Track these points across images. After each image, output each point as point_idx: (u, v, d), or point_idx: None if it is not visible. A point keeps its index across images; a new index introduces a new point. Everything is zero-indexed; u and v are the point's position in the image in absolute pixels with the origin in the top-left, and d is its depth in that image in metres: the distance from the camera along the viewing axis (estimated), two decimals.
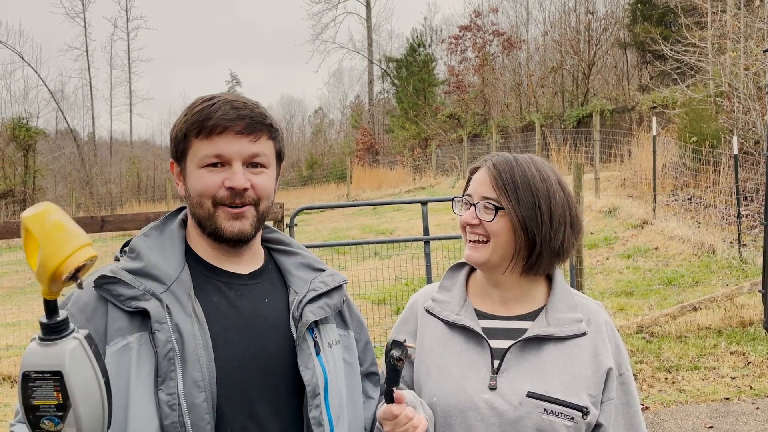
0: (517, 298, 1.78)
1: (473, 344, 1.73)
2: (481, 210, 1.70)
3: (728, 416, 5.42)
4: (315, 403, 1.54)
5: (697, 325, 7.32)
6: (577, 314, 1.74)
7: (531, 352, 1.70)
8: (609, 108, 22.58)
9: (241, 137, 1.54)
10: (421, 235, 7.00)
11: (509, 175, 1.70)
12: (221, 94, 1.58)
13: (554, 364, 1.68)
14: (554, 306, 1.75)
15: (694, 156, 13.08)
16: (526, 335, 1.70)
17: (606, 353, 1.71)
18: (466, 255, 1.75)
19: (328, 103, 59.88)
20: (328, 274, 1.72)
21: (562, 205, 1.72)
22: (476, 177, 1.76)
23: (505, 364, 1.69)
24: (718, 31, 15.64)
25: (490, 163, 1.74)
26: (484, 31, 31.76)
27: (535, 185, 1.69)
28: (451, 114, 31.30)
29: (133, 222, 4.60)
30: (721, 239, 10.28)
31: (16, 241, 18.01)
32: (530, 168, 1.72)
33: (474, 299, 1.82)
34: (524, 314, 1.76)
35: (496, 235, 1.69)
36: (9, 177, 30.37)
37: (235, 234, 1.57)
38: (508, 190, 1.68)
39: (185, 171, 1.59)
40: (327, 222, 17.59)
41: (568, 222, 1.72)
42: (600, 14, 28.43)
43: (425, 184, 23.77)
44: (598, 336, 1.73)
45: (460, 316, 1.77)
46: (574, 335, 1.71)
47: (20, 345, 8.54)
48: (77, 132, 41.14)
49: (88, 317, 1.47)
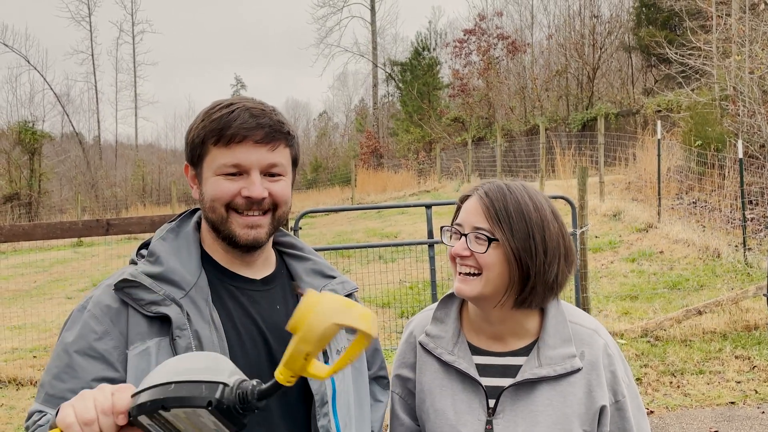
0: (510, 331, 1.72)
1: (468, 385, 1.70)
2: (472, 241, 1.63)
3: (733, 420, 5.41)
4: (323, 411, 1.55)
5: (702, 329, 7.30)
6: (570, 349, 1.67)
7: (524, 393, 1.66)
8: (614, 111, 22.56)
9: (260, 146, 1.53)
10: (426, 239, 7.00)
11: (502, 204, 1.63)
12: (239, 100, 1.57)
13: (547, 405, 1.64)
14: (546, 342, 1.68)
15: (699, 159, 13.05)
16: (518, 379, 1.65)
17: (600, 389, 1.66)
18: (457, 288, 1.67)
19: (332, 106, 59.96)
20: (339, 282, 1.72)
21: (557, 236, 1.65)
22: (467, 206, 1.69)
23: (501, 405, 1.66)
24: (723, 34, 15.61)
25: (481, 192, 1.67)
26: (488, 34, 31.77)
27: (528, 215, 1.62)
28: (455, 117, 31.32)
29: (139, 225, 4.61)
30: (726, 243, 10.25)
31: (22, 245, 18.08)
32: (523, 197, 1.65)
33: (468, 333, 1.77)
34: (518, 349, 1.71)
35: (488, 268, 1.62)
36: (15, 180, 30.47)
37: (250, 241, 1.57)
38: (501, 220, 1.61)
39: (201, 176, 1.59)
40: (331, 225, 17.60)
41: (562, 254, 1.66)
42: (605, 18, 28.43)
43: (430, 188, 23.75)
44: (593, 370, 1.67)
45: (454, 356, 1.72)
46: (568, 373, 1.65)
47: (25, 348, 8.57)
48: (83, 135, 41.32)
49: (113, 319, 1.47)
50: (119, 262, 13.86)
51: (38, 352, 8.34)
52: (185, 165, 1.65)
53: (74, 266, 15.57)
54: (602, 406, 1.65)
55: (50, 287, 13.28)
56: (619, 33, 27.88)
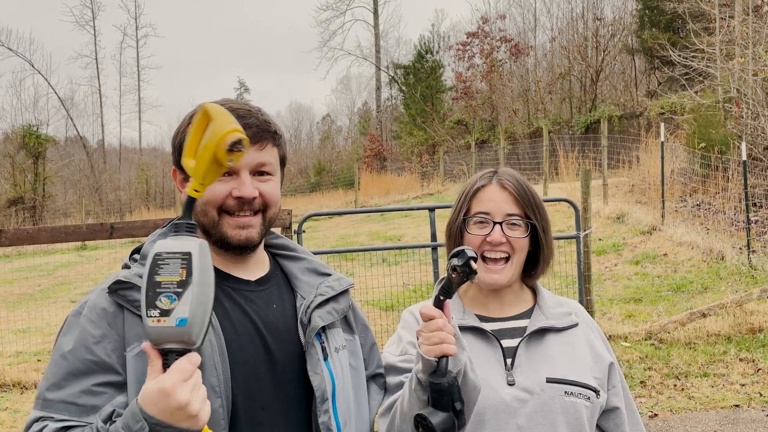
0: (511, 302, 1.87)
1: (484, 344, 1.78)
2: (506, 227, 1.75)
3: (738, 423, 5.39)
4: (324, 408, 1.55)
5: (706, 331, 7.28)
6: (565, 309, 1.87)
7: (536, 345, 1.78)
8: (617, 114, 22.54)
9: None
10: (429, 242, 7.00)
11: (526, 191, 1.78)
12: (225, 101, 1.58)
13: (560, 351, 1.78)
14: (545, 303, 1.87)
15: (703, 162, 13.03)
16: (532, 329, 1.79)
17: (600, 345, 1.85)
18: (489, 279, 1.77)
19: (336, 109, 59.99)
20: (335, 279, 1.73)
21: (545, 210, 1.83)
22: (491, 195, 1.78)
23: (518, 359, 1.76)
24: (726, 36, 15.60)
25: (504, 180, 1.79)
26: (491, 37, 31.79)
27: (538, 197, 1.81)
28: (458, 120, 31.31)
29: (143, 229, 4.62)
30: (730, 245, 10.23)
31: (26, 248, 18.11)
32: (527, 181, 1.83)
33: (470, 308, 1.87)
34: (518, 314, 1.85)
35: (520, 250, 1.77)
36: (19, 184, 30.56)
37: (242, 241, 1.58)
38: (529, 205, 1.76)
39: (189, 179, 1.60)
40: (335, 228, 17.60)
41: (549, 223, 1.85)
42: (608, 20, 28.44)
43: (433, 191, 23.76)
44: (588, 328, 1.87)
45: (463, 320, 1.80)
46: (569, 326, 1.83)
47: (30, 351, 8.58)
48: (87, 139, 41.40)
49: (110, 322, 1.47)
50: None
51: (42, 355, 8.35)
52: (173, 169, 1.65)
53: (78, 270, 15.60)
54: (611, 363, 1.83)
55: (54, 291, 13.31)
56: (622, 35, 27.88)
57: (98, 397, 1.41)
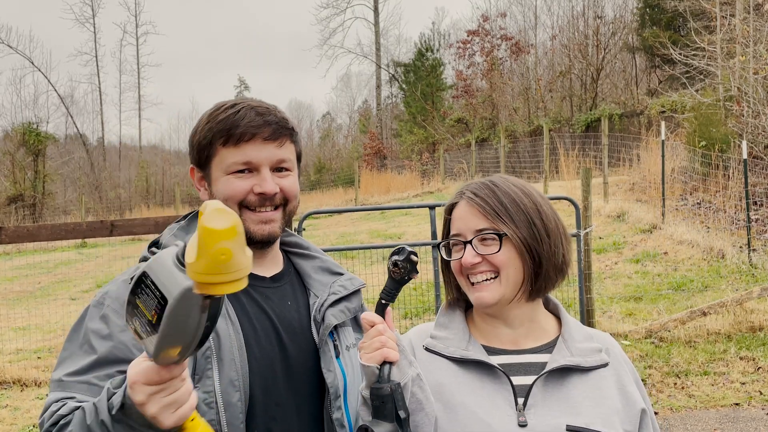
0: (527, 333, 1.62)
1: (488, 380, 1.55)
2: (478, 245, 1.54)
3: (738, 422, 5.39)
4: (337, 404, 1.57)
5: (706, 330, 7.28)
6: (595, 344, 1.62)
7: (556, 385, 1.54)
8: (618, 112, 22.53)
9: (268, 143, 1.57)
10: (429, 240, 7.00)
11: (495, 199, 1.56)
12: (242, 100, 1.61)
13: (584, 396, 1.54)
14: (571, 335, 1.61)
15: (704, 160, 13.03)
16: (551, 366, 1.54)
17: (632, 388, 1.59)
18: (477, 299, 1.56)
19: (336, 107, 60.06)
20: (347, 278, 1.75)
21: (553, 217, 1.60)
22: (459, 213, 1.59)
23: (531, 399, 1.52)
24: (727, 35, 15.59)
25: (468, 194, 1.59)
26: (492, 35, 31.79)
27: (522, 202, 1.56)
28: (459, 118, 31.31)
29: (142, 226, 4.61)
30: (730, 244, 10.23)
31: (26, 246, 18.12)
32: (510, 187, 1.59)
33: (478, 338, 1.64)
34: (537, 347, 1.61)
35: (504, 266, 1.54)
36: (19, 182, 30.55)
37: (265, 236, 1.60)
38: (501, 215, 1.54)
39: (210, 177, 1.61)
40: (335, 227, 17.60)
41: (561, 233, 1.61)
42: (608, 18, 28.43)
43: (433, 189, 23.74)
44: (620, 367, 1.61)
45: (468, 351, 1.58)
46: (598, 366, 1.58)
47: (30, 349, 8.58)
48: (86, 137, 41.42)
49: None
50: (123, 263, 13.88)
51: (42, 353, 8.35)
52: (191, 168, 1.67)
53: (78, 267, 15.60)
54: (643, 410, 1.58)
55: (54, 288, 13.31)
56: (623, 34, 27.86)
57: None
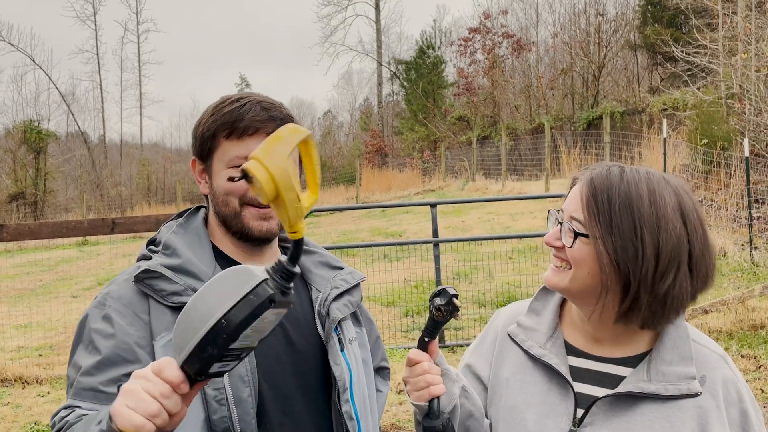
0: (611, 339, 1.47)
1: (555, 385, 1.48)
2: (565, 232, 1.41)
3: None
4: (345, 397, 1.58)
5: (708, 328, 7.27)
6: (690, 368, 1.40)
7: (623, 408, 1.40)
8: (619, 110, 22.51)
9: None
10: (431, 238, 7.01)
11: (605, 195, 1.36)
12: (248, 94, 1.60)
13: (648, 427, 1.38)
14: (661, 355, 1.42)
15: (705, 158, 13.01)
16: (619, 390, 1.40)
17: (718, 427, 1.37)
18: (545, 276, 1.48)
19: (337, 105, 60.04)
20: (347, 272, 1.75)
21: (677, 239, 1.34)
22: (572, 192, 1.47)
23: (590, 417, 1.41)
24: (729, 32, 15.56)
25: (587, 177, 1.43)
26: (493, 33, 31.76)
27: (639, 209, 1.34)
28: (460, 116, 31.30)
29: (144, 224, 4.61)
30: (732, 242, 10.22)
31: (27, 244, 18.14)
32: (638, 187, 1.36)
33: (567, 330, 1.54)
34: (624, 357, 1.46)
35: (577, 264, 1.39)
36: (20, 179, 30.59)
37: (264, 233, 1.59)
38: (600, 213, 1.36)
39: (211, 170, 1.61)
40: (336, 224, 17.60)
41: (683, 261, 1.36)
42: (610, 16, 28.40)
43: (434, 187, 23.75)
44: (712, 401, 1.39)
45: (545, 350, 1.51)
46: (681, 396, 1.38)
47: (31, 347, 8.59)
48: (88, 134, 41.42)
49: (136, 311, 1.48)
50: (124, 261, 13.88)
51: (44, 350, 8.36)
52: (192, 160, 1.66)
53: (80, 265, 15.61)
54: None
55: (56, 286, 13.32)
56: (624, 31, 27.84)
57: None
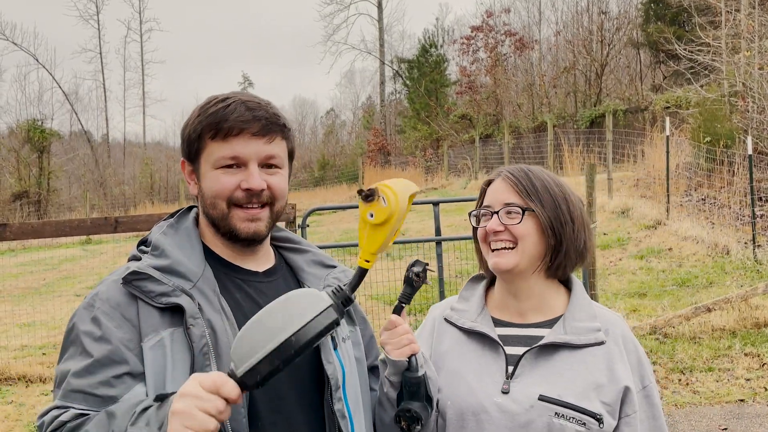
0: (535, 307, 1.80)
1: (488, 350, 1.76)
2: (503, 216, 1.74)
3: (743, 418, 5.38)
4: (338, 396, 1.57)
5: (711, 326, 7.27)
6: (595, 323, 1.74)
7: (545, 359, 1.71)
8: (622, 108, 22.48)
9: (257, 138, 1.55)
10: (433, 236, 7.00)
11: (527, 181, 1.75)
12: (234, 94, 1.59)
13: (567, 369, 1.69)
14: (573, 314, 1.76)
15: (708, 156, 12.98)
16: (542, 342, 1.72)
17: (623, 367, 1.70)
18: (493, 263, 1.76)
19: (339, 104, 59.98)
20: (340, 270, 1.75)
21: (578, 207, 1.78)
22: (493, 188, 1.80)
23: (519, 369, 1.71)
24: (732, 30, 15.52)
25: (505, 173, 1.79)
26: (496, 31, 31.70)
27: (552, 189, 1.75)
28: (462, 115, 31.26)
29: (147, 223, 4.63)
30: (735, 240, 10.20)
31: (31, 242, 18.15)
32: (543, 174, 1.79)
33: (492, 309, 1.85)
34: (541, 322, 1.78)
35: (523, 238, 1.72)
36: (24, 178, 30.62)
37: (251, 234, 1.59)
38: (530, 194, 1.73)
39: (199, 171, 1.61)
40: (339, 223, 17.61)
41: (585, 223, 1.79)
42: (613, 14, 28.33)
43: (437, 185, 23.73)
44: (615, 347, 1.73)
45: (476, 323, 1.80)
46: (591, 344, 1.71)
47: (35, 345, 8.61)
48: (91, 133, 41.46)
49: (124, 313, 1.48)
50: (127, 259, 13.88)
51: (47, 349, 8.38)
52: (182, 161, 1.66)
53: (83, 264, 15.63)
54: (626, 387, 1.68)
55: (59, 285, 13.34)
56: (627, 29, 27.77)
57: (116, 388, 1.41)
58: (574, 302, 1.79)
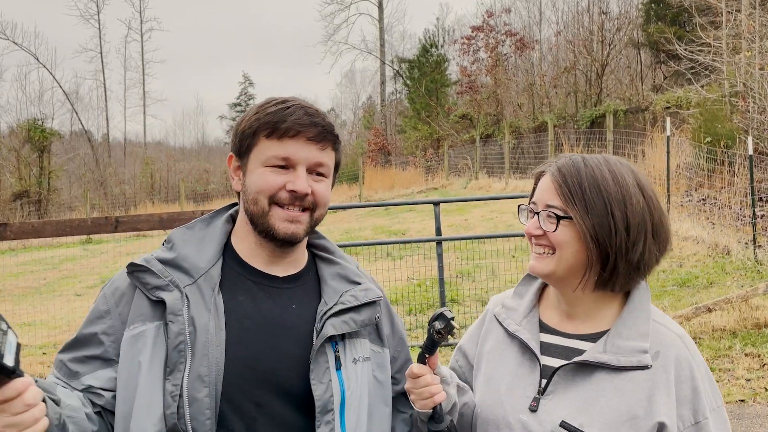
0: (584, 315, 1.63)
1: (527, 359, 1.65)
2: (544, 219, 1.57)
3: (743, 418, 5.38)
4: (325, 419, 1.52)
5: (711, 326, 7.26)
6: (644, 344, 1.53)
7: (582, 378, 1.55)
8: (622, 108, 22.46)
9: (311, 144, 1.57)
10: (434, 236, 7.01)
11: (576, 180, 1.54)
12: (293, 98, 1.61)
13: (602, 394, 1.52)
14: (619, 331, 1.56)
15: (709, 156, 12.98)
16: (576, 359, 1.55)
17: (665, 398, 1.49)
18: (530, 265, 1.63)
19: (340, 104, 59.98)
20: (362, 289, 1.68)
21: (641, 211, 1.54)
22: (541, 183, 1.62)
23: (552, 386, 1.57)
24: (732, 30, 15.52)
25: (554, 168, 1.59)
26: (496, 31, 31.71)
27: (606, 189, 1.53)
28: (463, 114, 31.27)
29: (147, 222, 4.62)
30: (735, 240, 10.20)
31: (31, 242, 18.16)
32: (601, 170, 1.55)
33: (543, 310, 1.72)
34: (587, 334, 1.61)
35: (561, 247, 1.55)
36: (24, 178, 30.63)
37: (288, 236, 1.59)
38: (574, 197, 1.53)
39: (246, 167, 1.62)
40: (339, 223, 17.60)
41: (649, 230, 1.54)
42: (613, 14, 28.32)
43: (437, 185, 23.75)
44: (663, 374, 1.51)
45: (519, 327, 1.68)
46: (632, 367, 1.51)
47: (35, 345, 8.60)
48: (91, 133, 41.51)
49: (117, 301, 1.55)
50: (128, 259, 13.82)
51: (48, 348, 8.38)
52: (229, 156, 1.67)
53: (83, 263, 15.63)
54: (660, 423, 1.47)
55: (59, 284, 13.34)
56: (628, 29, 27.76)
57: (83, 366, 1.51)
58: (625, 317, 1.57)
